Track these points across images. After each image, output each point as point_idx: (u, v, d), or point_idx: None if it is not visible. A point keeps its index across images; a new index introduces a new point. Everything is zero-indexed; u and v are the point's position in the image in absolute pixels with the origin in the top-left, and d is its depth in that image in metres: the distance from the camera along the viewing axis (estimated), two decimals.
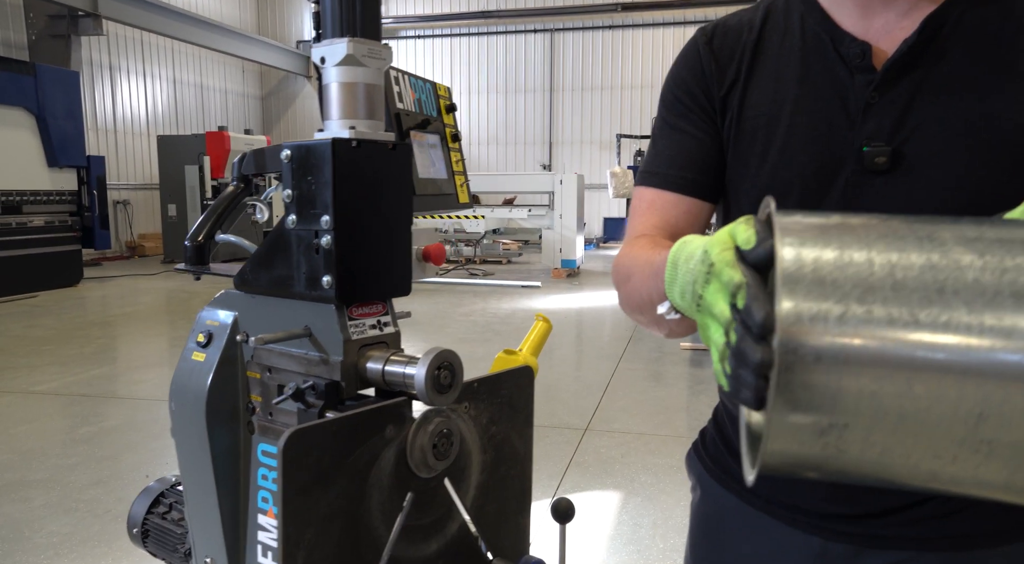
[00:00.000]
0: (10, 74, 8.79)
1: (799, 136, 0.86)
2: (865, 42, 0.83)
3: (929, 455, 0.52)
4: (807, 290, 0.52)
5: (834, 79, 0.85)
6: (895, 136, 0.81)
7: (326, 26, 0.99)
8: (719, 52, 0.93)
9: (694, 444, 1.08)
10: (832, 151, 0.84)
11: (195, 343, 1.17)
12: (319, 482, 0.87)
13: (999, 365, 0.49)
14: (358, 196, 1.00)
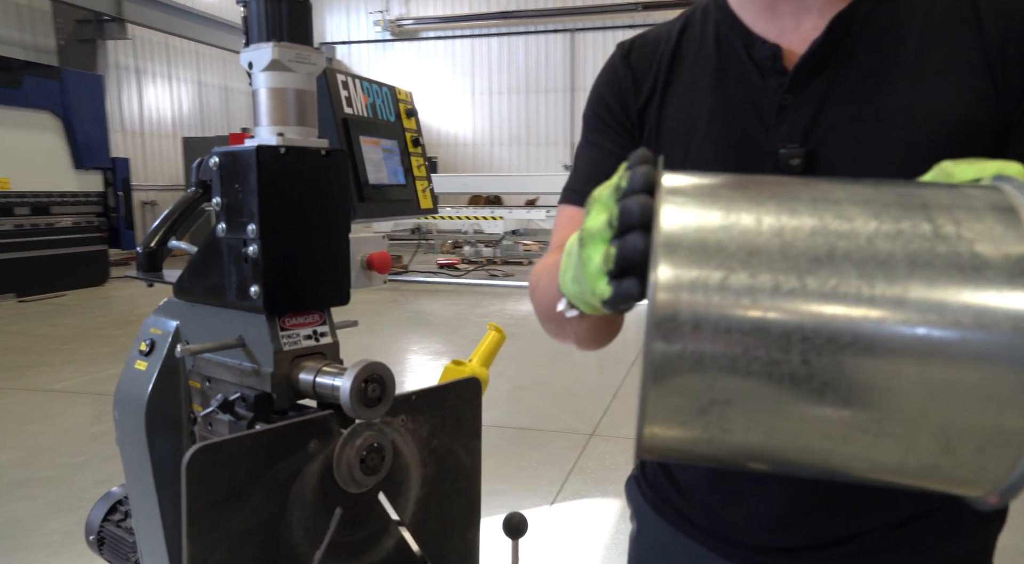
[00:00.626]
0: (37, 78, 8.97)
1: (714, 143, 0.85)
2: (776, 44, 0.83)
3: (817, 436, 0.48)
4: (688, 253, 0.47)
5: (747, 84, 0.84)
6: (809, 137, 0.80)
7: (252, 31, 0.97)
8: (636, 65, 0.93)
9: (633, 474, 1.05)
10: (748, 156, 0.83)
11: (138, 351, 1.16)
12: (231, 498, 0.85)
13: (889, 337, 0.45)
14: (287, 204, 0.98)
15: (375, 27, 17.14)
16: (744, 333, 0.46)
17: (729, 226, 0.48)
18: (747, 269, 0.47)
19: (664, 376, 0.47)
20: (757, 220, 0.49)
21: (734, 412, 0.48)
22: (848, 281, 0.46)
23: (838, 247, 0.47)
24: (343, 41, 17.48)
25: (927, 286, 0.45)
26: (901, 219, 0.48)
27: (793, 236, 0.48)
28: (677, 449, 0.52)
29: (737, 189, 0.52)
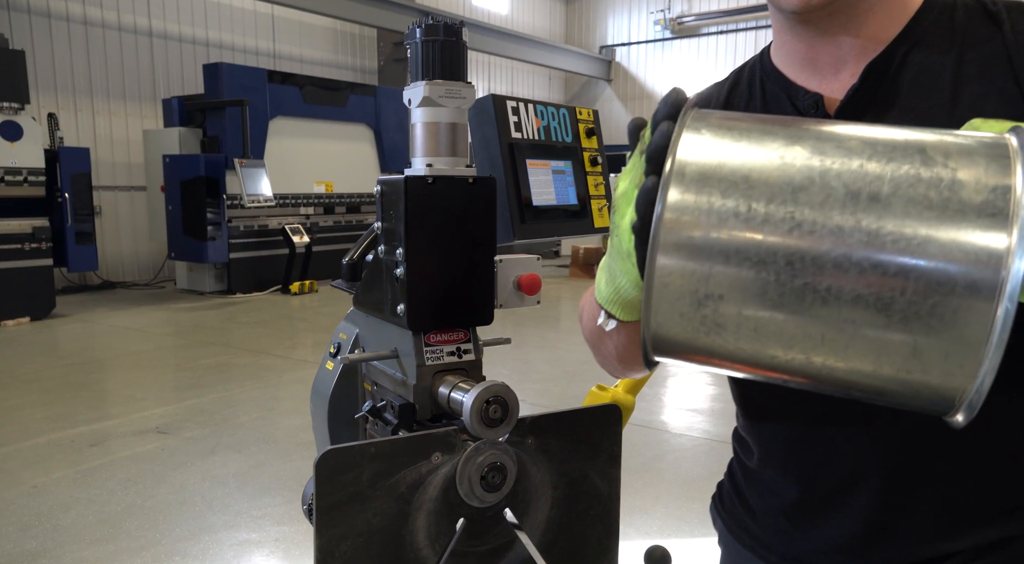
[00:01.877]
0: (357, 96, 10.49)
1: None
2: (817, 93, 0.89)
3: (799, 335, 0.53)
4: (698, 168, 0.55)
5: None
6: None
7: (412, 71, 1.06)
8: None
9: (713, 497, 1.12)
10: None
11: (329, 352, 1.32)
12: (356, 499, 0.94)
13: (863, 254, 0.51)
14: (433, 229, 1.05)
15: (655, 26, 17.10)
16: (738, 235, 0.53)
17: (739, 147, 0.56)
18: (744, 189, 0.54)
19: (666, 272, 0.55)
20: (763, 150, 0.55)
21: (726, 306, 0.54)
22: (832, 204, 0.51)
23: (830, 174, 0.52)
24: (622, 43, 17.71)
25: (902, 215, 0.50)
26: (895, 157, 0.53)
27: (792, 163, 0.54)
28: (679, 342, 0.58)
29: (754, 122, 0.58)
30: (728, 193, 0.54)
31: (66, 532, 2.89)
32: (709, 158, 0.55)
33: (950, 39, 0.84)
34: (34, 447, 3.85)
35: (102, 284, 9.56)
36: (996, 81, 0.80)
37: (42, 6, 9.25)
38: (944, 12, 0.86)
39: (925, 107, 0.82)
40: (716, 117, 0.59)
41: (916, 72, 0.84)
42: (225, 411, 4.46)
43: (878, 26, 0.86)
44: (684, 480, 3.46)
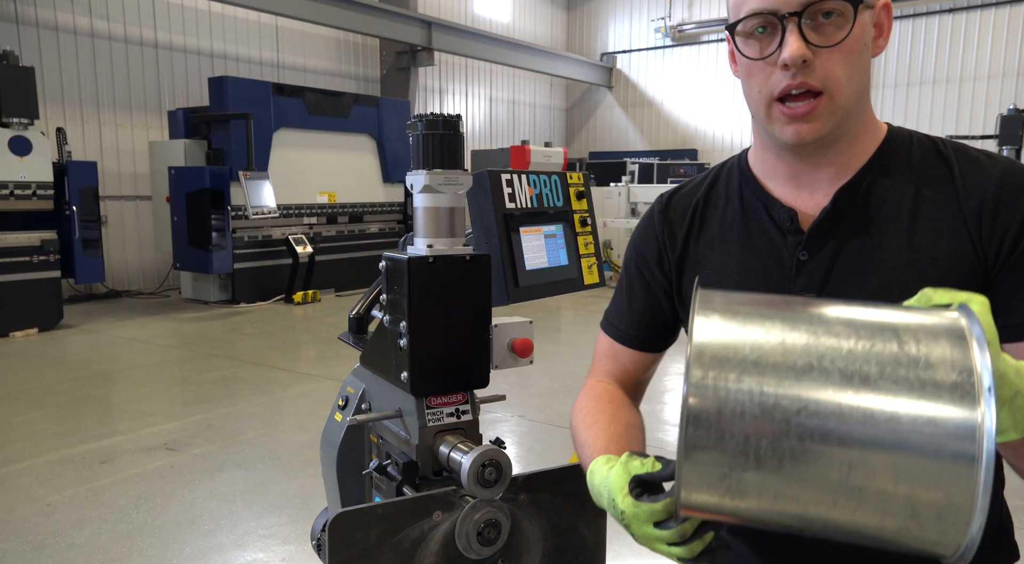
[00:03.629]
0: (360, 107, 10.60)
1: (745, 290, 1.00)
2: (792, 208, 1.00)
3: (814, 500, 0.64)
4: (712, 359, 0.66)
5: (769, 240, 1.01)
6: (823, 289, 0.96)
7: (414, 159, 1.16)
8: (673, 216, 1.11)
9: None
10: None
11: (337, 404, 1.43)
12: (364, 556, 1.04)
13: (861, 433, 0.61)
14: (434, 304, 1.15)
15: (656, 34, 17.20)
16: (753, 420, 0.63)
17: (745, 339, 0.66)
18: (756, 373, 0.64)
19: (694, 451, 0.65)
20: (766, 334, 0.66)
21: (748, 478, 0.64)
22: (832, 387, 0.62)
23: (825, 358, 0.63)
24: (622, 50, 17.81)
25: (890, 395, 0.61)
26: (876, 339, 0.64)
27: (792, 346, 0.65)
28: (707, 507, 0.68)
29: (754, 307, 0.70)
30: (742, 378, 0.64)
31: (81, 551, 2.99)
32: (722, 341, 0.66)
33: (908, 173, 0.95)
34: (47, 464, 3.95)
35: (108, 293, 9.68)
36: (948, 219, 0.92)
37: (50, 19, 9.37)
38: (903, 146, 0.98)
39: (887, 234, 0.93)
40: (720, 300, 0.71)
41: (880, 199, 0.95)
42: (231, 427, 4.56)
43: (850, 155, 0.97)
44: None
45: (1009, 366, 0.68)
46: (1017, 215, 0.90)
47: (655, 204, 1.15)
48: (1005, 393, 0.67)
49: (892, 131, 1.01)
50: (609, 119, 18.11)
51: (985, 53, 13.78)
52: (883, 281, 0.93)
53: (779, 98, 0.91)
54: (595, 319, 1.27)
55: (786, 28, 0.88)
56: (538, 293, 1.40)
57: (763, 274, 1.00)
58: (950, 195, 0.93)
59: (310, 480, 3.73)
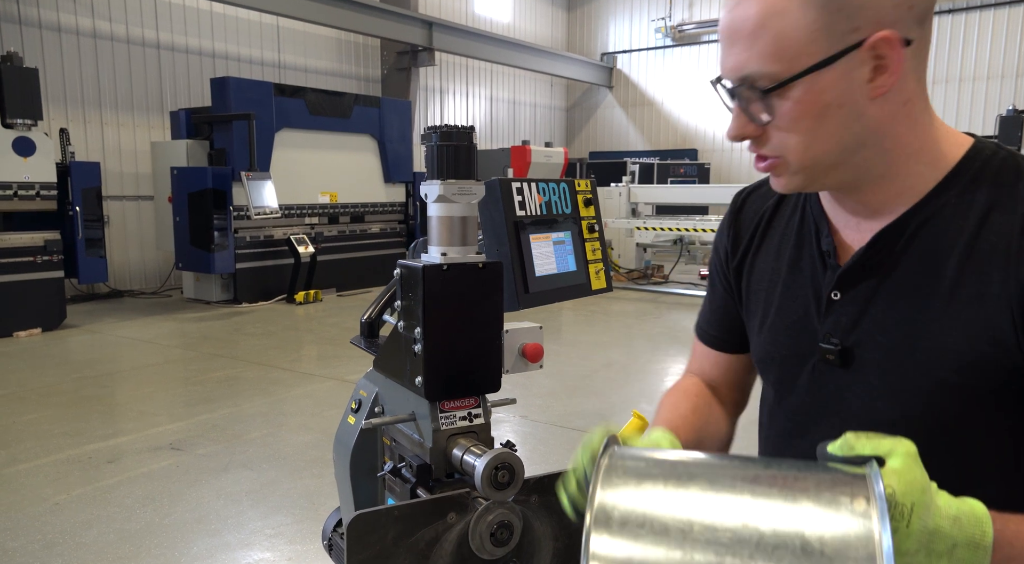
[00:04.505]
0: (362, 107, 10.62)
1: (783, 317, 0.98)
2: (832, 243, 0.92)
3: None
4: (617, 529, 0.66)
5: (814, 269, 0.94)
6: (849, 335, 0.88)
7: (429, 168, 1.19)
8: (742, 221, 1.08)
9: None
10: (803, 338, 0.94)
11: (350, 407, 1.46)
12: (381, 556, 1.07)
13: None
14: (448, 311, 1.18)
15: (656, 34, 17.23)
16: None
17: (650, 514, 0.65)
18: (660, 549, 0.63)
19: None
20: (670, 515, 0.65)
21: None
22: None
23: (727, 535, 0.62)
24: (624, 50, 17.84)
25: None
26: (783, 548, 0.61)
27: (694, 537, 0.63)
28: None
29: (663, 479, 0.69)
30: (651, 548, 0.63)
31: (89, 550, 3.02)
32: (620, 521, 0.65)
33: (967, 217, 0.81)
34: (54, 463, 3.98)
35: (110, 293, 9.71)
36: (995, 285, 0.78)
37: (52, 20, 9.39)
38: (973, 181, 0.82)
39: (926, 288, 0.82)
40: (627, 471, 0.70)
41: (925, 249, 0.83)
42: (236, 427, 4.59)
43: (886, 195, 0.85)
44: None
45: (944, 518, 0.64)
46: None
47: (732, 203, 1.10)
48: (941, 547, 0.63)
49: (965, 159, 0.84)
50: (609, 119, 18.14)
51: (984, 54, 13.81)
52: (910, 342, 0.83)
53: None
54: (596, 320, 1.32)
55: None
56: (547, 299, 1.43)
57: (801, 305, 0.94)
58: (1011, 251, 0.78)
59: (315, 480, 3.77)
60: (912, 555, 0.63)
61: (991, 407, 0.81)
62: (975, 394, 0.80)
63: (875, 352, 0.85)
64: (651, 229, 10.66)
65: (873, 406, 0.85)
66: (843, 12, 0.75)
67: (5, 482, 3.72)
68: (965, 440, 0.82)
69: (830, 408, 0.92)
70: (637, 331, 7.76)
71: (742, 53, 0.80)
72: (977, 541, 0.64)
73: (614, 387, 5.59)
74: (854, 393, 0.87)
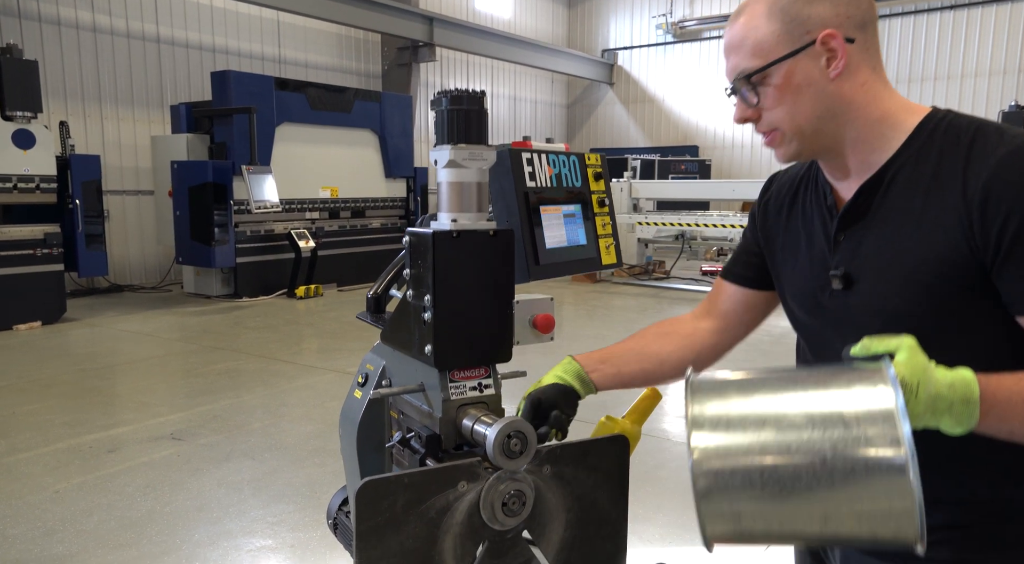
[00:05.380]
0: (362, 102, 10.60)
1: (810, 260, 1.23)
2: (833, 198, 1.20)
3: (800, 520, 0.85)
4: (710, 428, 0.88)
5: (824, 221, 1.21)
6: (850, 264, 1.14)
7: (439, 134, 1.17)
8: (771, 196, 1.35)
9: None
10: (821, 273, 1.19)
11: (356, 382, 1.44)
12: (391, 523, 1.05)
13: (826, 481, 0.82)
14: (458, 278, 1.16)
15: (657, 30, 17.20)
16: (747, 471, 0.85)
17: (733, 414, 0.89)
18: (745, 435, 0.86)
19: (708, 498, 0.87)
20: (750, 408, 0.89)
21: (756, 513, 0.86)
22: (796, 453, 0.84)
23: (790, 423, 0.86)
24: (624, 46, 17.81)
25: (838, 454, 0.82)
26: (828, 422, 0.84)
27: (770, 417, 0.87)
28: (731, 538, 0.89)
29: (735, 390, 0.92)
30: (735, 447, 0.86)
31: (90, 537, 3.00)
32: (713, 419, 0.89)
33: (927, 165, 1.07)
34: (54, 452, 3.96)
35: (110, 287, 9.69)
36: (951, 212, 1.03)
37: (52, 14, 9.36)
38: (933, 132, 1.08)
39: (902, 218, 1.08)
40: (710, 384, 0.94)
41: (900, 189, 1.09)
42: (237, 417, 4.57)
43: (868, 150, 1.12)
44: (686, 489, 3.55)
45: (941, 385, 0.87)
46: (1002, 210, 0.98)
47: (764, 184, 1.39)
48: (942, 407, 0.87)
49: (927, 118, 1.09)
50: (610, 115, 18.11)
51: (986, 49, 13.79)
52: (896, 259, 1.08)
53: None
54: (597, 314, 1.37)
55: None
56: (557, 271, 1.41)
57: (820, 249, 1.19)
58: (957, 186, 1.03)
59: (317, 469, 3.75)
60: (922, 417, 0.87)
61: (965, 302, 1.05)
62: (949, 292, 1.04)
63: (869, 273, 1.11)
64: (652, 224, 10.63)
65: (873, 315, 1.10)
66: (796, 22, 1.08)
67: (5, 471, 3.70)
68: (948, 329, 1.06)
69: (843, 323, 1.15)
70: (639, 325, 7.67)
71: (735, 58, 1.14)
72: (968, 397, 0.88)
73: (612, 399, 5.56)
74: (858, 308, 1.13)
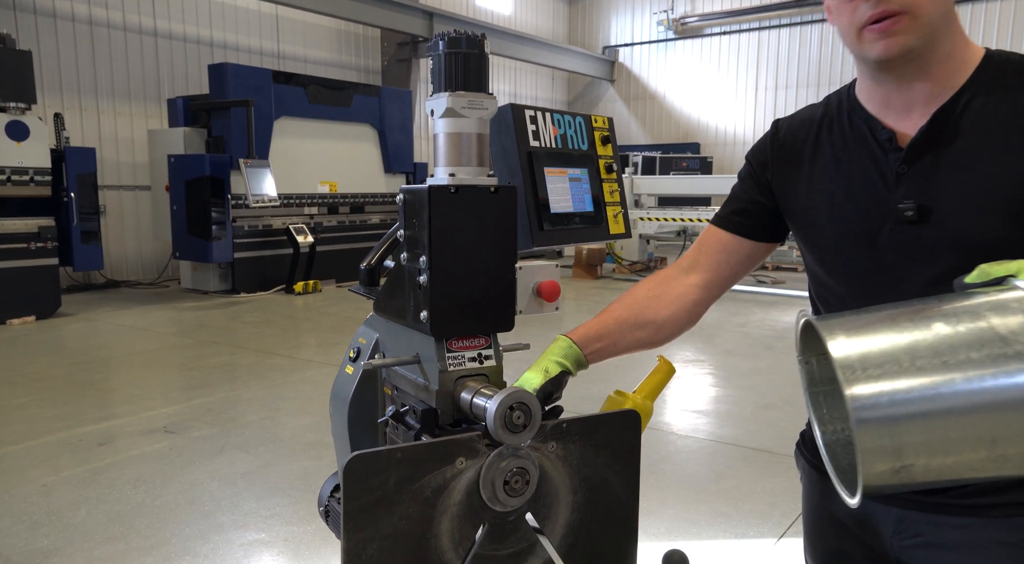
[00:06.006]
0: (361, 97, 10.50)
1: (850, 203, 1.15)
2: (891, 129, 1.11)
3: (982, 449, 0.79)
4: (860, 363, 0.79)
5: (874, 157, 1.13)
6: (922, 196, 1.07)
7: (435, 82, 1.08)
8: (783, 143, 1.25)
9: (797, 444, 1.36)
10: (874, 212, 1.12)
11: (348, 357, 1.34)
12: (382, 502, 0.96)
13: (979, 396, 0.77)
14: (456, 238, 1.07)
15: (658, 27, 17.11)
16: (907, 399, 0.78)
17: (875, 351, 0.81)
18: (895, 365, 0.79)
19: (866, 432, 0.78)
20: (896, 339, 0.81)
21: (915, 470, 0.79)
22: (953, 367, 0.78)
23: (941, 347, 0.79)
24: (625, 43, 17.71)
25: (1001, 370, 0.77)
26: (975, 332, 0.79)
27: (917, 343, 0.80)
28: (887, 479, 0.80)
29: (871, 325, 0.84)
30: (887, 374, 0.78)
31: (77, 530, 2.91)
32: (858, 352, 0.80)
33: (1003, 94, 1.04)
34: (43, 446, 3.87)
35: (106, 283, 9.59)
36: None
37: (47, 6, 9.27)
38: (1000, 68, 1.06)
39: (979, 147, 1.03)
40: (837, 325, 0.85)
41: (976, 117, 1.04)
42: (231, 411, 4.48)
43: (944, 76, 1.06)
44: (690, 482, 3.47)
45: None
46: None
47: (770, 129, 1.30)
48: None
49: (989, 54, 1.09)
50: (611, 113, 18.00)
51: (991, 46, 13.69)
52: (974, 188, 1.03)
53: (866, 24, 1.03)
54: (598, 309, 1.29)
55: None
56: (563, 239, 1.32)
57: (868, 188, 1.12)
58: None
59: (312, 462, 3.65)
60: None
61: None
62: None
63: (946, 203, 1.04)
64: (654, 219, 10.54)
65: (950, 246, 1.04)
66: None
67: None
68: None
69: (914, 259, 1.08)
70: None
71: None
72: None
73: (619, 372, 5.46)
74: (932, 240, 1.05)
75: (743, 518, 3.02)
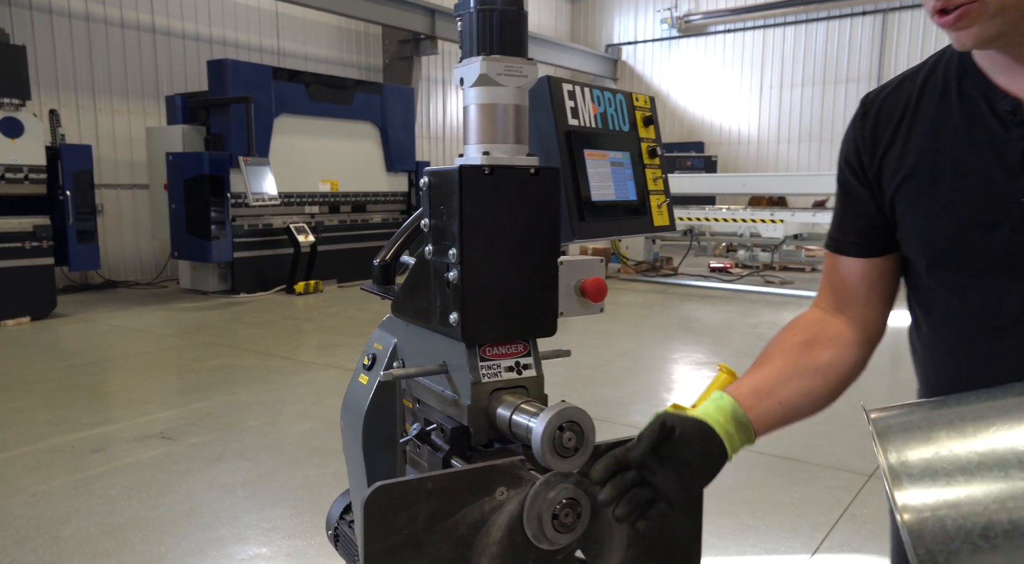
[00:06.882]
0: (363, 94, 10.33)
1: (960, 191, 0.93)
2: (1017, 98, 0.89)
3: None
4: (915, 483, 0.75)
5: (991, 135, 0.91)
6: None
7: (465, 45, 0.92)
8: (878, 120, 1.03)
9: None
10: (991, 203, 0.90)
11: (362, 365, 1.18)
12: (409, 544, 0.80)
13: None
14: (491, 227, 0.91)
15: (662, 25, 16.94)
16: (968, 528, 0.72)
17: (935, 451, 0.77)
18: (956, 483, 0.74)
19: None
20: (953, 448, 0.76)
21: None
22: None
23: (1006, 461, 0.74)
24: (629, 42, 17.55)
25: None
26: None
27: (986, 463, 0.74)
28: None
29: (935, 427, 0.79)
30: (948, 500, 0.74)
31: (66, 545, 2.75)
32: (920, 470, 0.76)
33: None
34: (35, 452, 3.71)
35: (104, 283, 9.42)
36: None
37: (43, 1, 9.11)
38: None
39: None
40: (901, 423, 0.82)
41: None
42: (231, 415, 4.32)
43: None
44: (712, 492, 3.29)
45: None
46: None
47: (858, 109, 1.08)
48: None
49: None
50: None
51: None
52: None
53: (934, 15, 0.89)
54: (611, 311, 1.09)
55: None
56: (605, 231, 1.16)
57: (983, 174, 0.91)
58: None
59: (317, 470, 3.49)
60: None
61: None
62: None
63: None
64: None
65: None
66: None
67: None
68: None
69: None
70: (648, 321, 7.49)
71: None
72: None
73: (631, 375, 5.32)
74: None
75: (771, 532, 2.86)
